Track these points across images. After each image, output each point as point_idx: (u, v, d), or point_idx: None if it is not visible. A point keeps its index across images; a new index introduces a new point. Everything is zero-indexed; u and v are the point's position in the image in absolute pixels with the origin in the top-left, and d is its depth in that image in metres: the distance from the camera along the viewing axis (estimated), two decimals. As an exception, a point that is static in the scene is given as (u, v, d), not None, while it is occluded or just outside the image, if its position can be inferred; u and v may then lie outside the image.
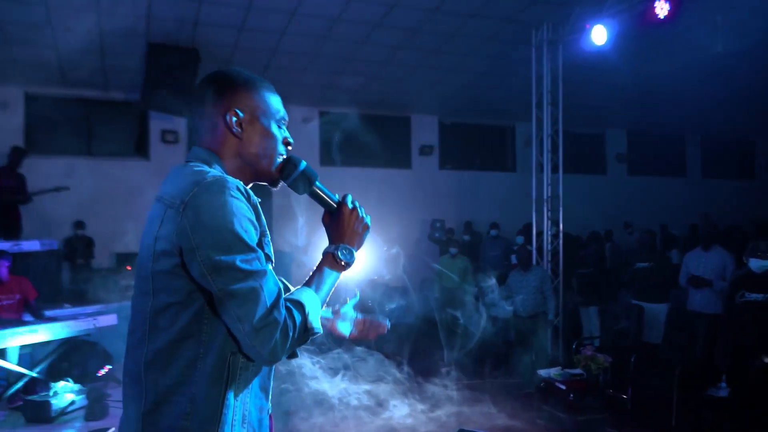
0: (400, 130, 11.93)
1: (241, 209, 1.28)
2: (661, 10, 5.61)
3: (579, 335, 7.39)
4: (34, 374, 4.87)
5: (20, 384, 4.95)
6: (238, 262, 1.23)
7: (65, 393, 4.64)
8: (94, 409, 4.50)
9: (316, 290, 1.42)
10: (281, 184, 1.53)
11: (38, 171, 9.04)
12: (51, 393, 4.62)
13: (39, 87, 9.44)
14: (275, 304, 1.26)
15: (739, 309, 4.67)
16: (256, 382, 1.38)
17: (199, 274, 1.24)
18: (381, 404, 5.16)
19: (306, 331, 1.34)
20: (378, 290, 7.36)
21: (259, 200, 1.40)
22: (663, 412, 5.36)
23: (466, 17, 7.96)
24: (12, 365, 4.89)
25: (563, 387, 5.21)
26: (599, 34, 6.37)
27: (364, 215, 1.54)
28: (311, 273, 1.47)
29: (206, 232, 1.23)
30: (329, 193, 1.55)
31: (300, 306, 1.33)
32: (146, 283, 1.31)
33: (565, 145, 12.89)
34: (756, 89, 10.67)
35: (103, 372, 5.36)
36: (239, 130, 1.43)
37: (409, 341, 7.63)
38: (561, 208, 7.39)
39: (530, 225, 7.83)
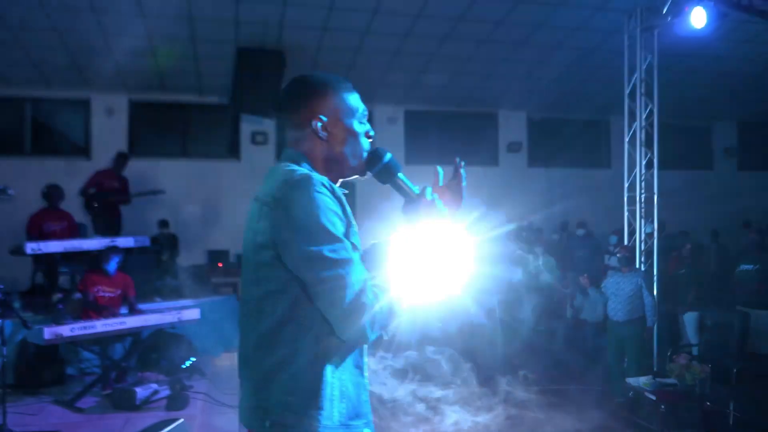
0: (487, 127, 11.65)
1: (327, 203, 1.39)
2: (769, -13, 5.08)
3: (677, 342, 6.88)
4: (122, 364, 5.13)
5: (111, 373, 5.26)
6: (325, 252, 1.35)
7: (151, 383, 4.89)
8: (176, 399, 4.69)
9: (398, 275, 1.48)
10: (368, 174, 1.63)
11: (138, 173, 9.64)
12: (137, 382, 4.89)
13: (141, 93, 10.04)
14: (362, 289, 1.37)
15: None
16: (350, 361, 1.48)
17: (293, 264, 1.37)
18: (445, 409, 5.01)
19: (392, 313, 1.43)
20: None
21: (346, 191, 1.53)
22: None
23: (555, 6, 7.63)
24: (104, 354, 5.20)
25: (653, 397, 4.84)
26: (699, 17, 5.87)
27: (441, 206, 1.60)
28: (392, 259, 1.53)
29: (296, 225, 1.36)
30: (410, 185, 1.63)
31: (385, 290, 1.41)
32: (252, 274, 1.46)
33: (667, 139, 12.19)
34: None
35: (187, 364, 5.59)
36: (325, 133, 1.55)
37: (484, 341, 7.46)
38: (656, 206, 6.89)
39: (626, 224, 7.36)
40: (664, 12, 6.40)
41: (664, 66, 7.69)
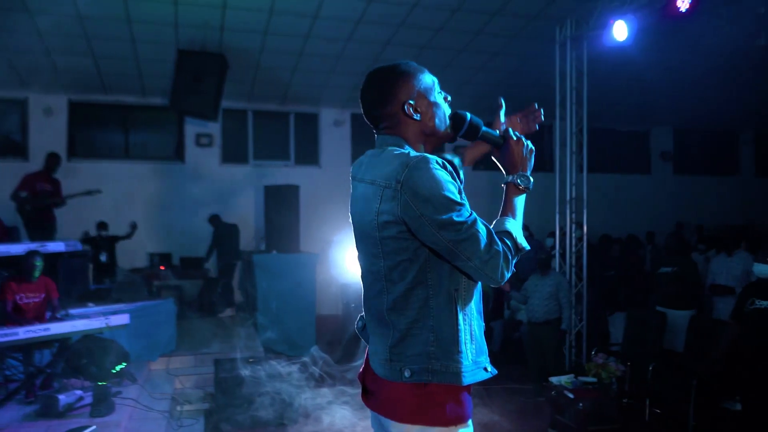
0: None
1: (444, 176, 1.57)
2: (683, 3, 5.34)
3: (606, 342, 7.15)
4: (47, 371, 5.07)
5: (37, 380, 5.19)
6: (455, 217, 1.53)
7: (75, 390, 4.85)
8: (100, 405, 4.67)
9: (513, 216, 1.72)
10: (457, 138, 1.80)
11: (79, 175, 9.47)
12: (60, 389, 4.84)
13: (81, 94, 9.86)
14: (491, 238, 1.57)
15: (748, 317, 4.41)
16: (474, 308, 1.69)
17: (429, 233, 1.55)
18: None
19: (518, 250, 1.65)
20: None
21: (458, 158, 1.79)
22: (679, 425, 5.12)
23: (491, 14, 7.83)
24: (27, 361, 5.12)
25: (571, 396, 5.04)
26: (620, 30, 6.12)
27: (528, 143, 1.80)
28: (503, 204, 1.74)
29: (426, 201, 1.53)
30: (493, 133, 1.80)
31: (508, 234, 1.65)
32: (376, 248, 1.65)
33: (606, 143, 12.61)
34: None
35: (117, 369, 5.55)
36: (417, 114, 1.72)
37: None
38: (585, 210, 7.14)
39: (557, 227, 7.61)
40: (590, 24, 6.63)
41: (602, 73, 7.96)
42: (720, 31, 7.53)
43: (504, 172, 1.79)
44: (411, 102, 1.72)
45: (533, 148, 1.81)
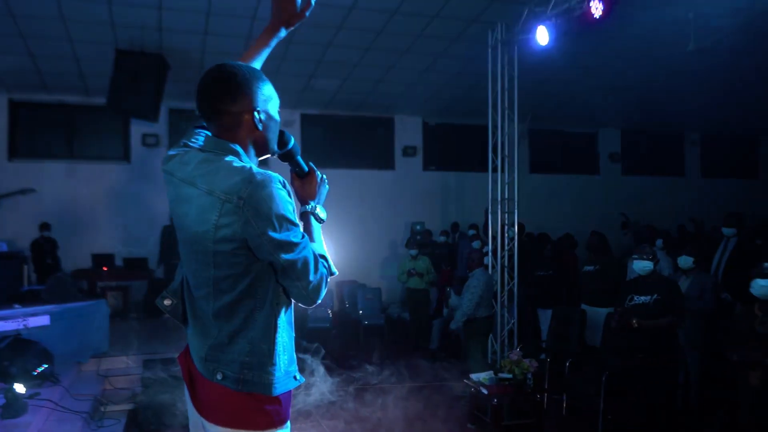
0: (384, 131, 11.95)
1: (285, 196, 1.59)
2: (596, 9, 5.51)
3: (538, 338, 7.32)
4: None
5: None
6: (292, 238, 1.59)
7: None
8: (10, 407, 4.65)
9: (319, 243, 1.78)
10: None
11: (21, 175, 9.38)
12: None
13: (23, 93, 9.74)
14: (317, 261, 1.65)
15: (629, 313, 4.64)
16: (286, 319, 1.72)
17: (267, 252, 1.58)
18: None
19: (332, 275, 1.73)
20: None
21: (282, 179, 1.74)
22: (592, 418, 5.28)
23: (430, 17, 7.93)
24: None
25: (485, 392, 5.17)
26: (542, 35, 6.28)
27: (325, 179, 1.94)
28: (305, 231, 1.75)
29: (266, 220, 1.55)
30: (303, 163, 1.91)
31: (324, 258, 1.72)
32: (207, 258, 1.64)
33: (555, 145, 12.87)
34: (756, 85, 10.35)
35: (39, 370, 5.53)
36: (261, 125, 1.71)
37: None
38: (516, 210, 7.30)
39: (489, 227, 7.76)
40: (518, 28, 6.78)
41: (543, 77, 8.12)
42: (646, 37, 7.77)
43: (300, 202, 1.85)
44: (260, 110, 1.70)
45: (328, 187, 1.94)
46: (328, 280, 1.69)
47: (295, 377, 1.75)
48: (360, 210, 10.78)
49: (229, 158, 1.65)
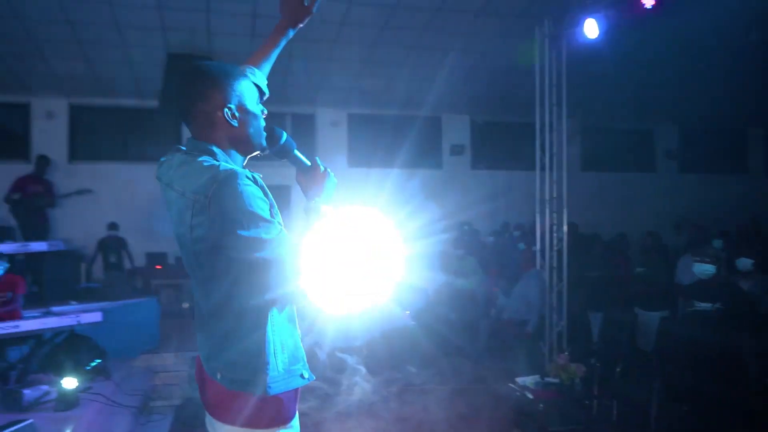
0: (431, 130, 11.85)
1: (253, 192, 1.56)
2: (648, 0, 5.29)
3: (589, 342, 7.09)
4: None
5: (12, 374, 5.37)
6: (261, 234, 1.55)
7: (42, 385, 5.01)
8: (63, 400, 4.82)
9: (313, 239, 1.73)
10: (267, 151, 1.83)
11: (80, 176, 9.74)
12: (28, 384, 5.00)
13: (81, 97, 10.12)
14: (296, 258, 1.59)
15: (687, 320, 4.37)
16: (284, 318, 1.73)
17: (235, 250, 1.56)
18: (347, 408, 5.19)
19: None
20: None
21: (261, 175, 1.69)
22: (644, 426, 5.07)
23: (476, 13, 7.82)
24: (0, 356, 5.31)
25: (531, 396, 5.03)
26: (591, 28, 6.07)
27: (331, 174, 1.90)
28: (305, 227, 1.76)
29: (232, 217, 1.53)
30: (303, 159, 1.87)
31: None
32: (192, 259, 1.67)
33: (608, 142, 12.46)
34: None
35: (92, 365, 5.71)
36: (235, 121, 1.70)
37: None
38: (565, 209, 7.09)
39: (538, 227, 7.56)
40: (566, 22, 6.59)
41: (597, 73, 7.85)
42: (703, 27, 7.40)
43: (306, 197, 1.84)
44: (231, 106, 1.69)
45: (336, 181, 1.90)
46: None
47: (302, 375, 1.75)
48: (406, 209, 10.70)
49: (202, 158, 1.65)
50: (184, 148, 1.76)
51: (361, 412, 5.33)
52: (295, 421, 1.76)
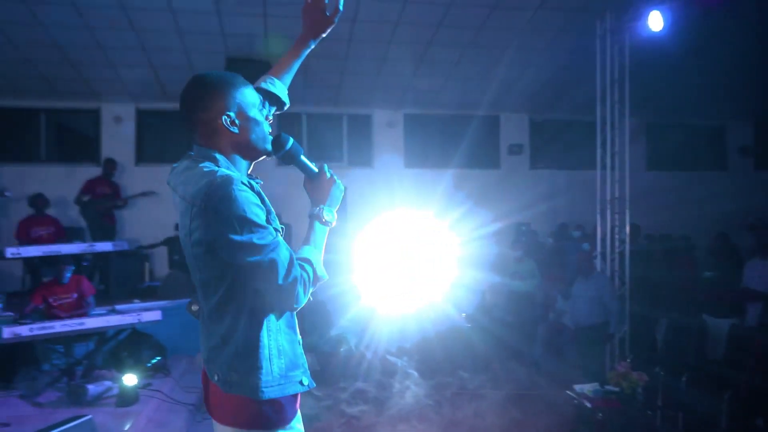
0: (488, 130, 11.65)
1: (248, 198, 1.59)
2: (717, -11, 5.00)
3: (653, 349, 6.79)
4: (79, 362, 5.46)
5: (78, 369, 5.61)
6: (254, 240, 1.57)
7: (105, 380, 5.20)
8: (123, 396, 4.99)
9: (315, 246, 1.79)
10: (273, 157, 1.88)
11: (147, 178, 10.10)
12: (92, 379, 5.21)
13: (147, 102, 10.50)
14: (291, 264, 1.62)
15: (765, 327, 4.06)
16: (283, 323, 1.75)
17: (228, 254, 1.59)
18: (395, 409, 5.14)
19: (317, 279, 1.73)
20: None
21: (261, 182, 1.79)
22: (712, 440, 4.80)
23: (533, 9, 7.62)
24: (67, 353, 5.55)
25: (589, 405, 4.84)
26: (655, 21, 5.80)
27: (338, 181, 1.91)
28: (306, 233, 1.83)
29: (226, 222, 1.56)
30: (310, 164, 1.88)
31: (308, 261, 1.71)
32: (192, 262, 1.74)
33: (676, 139, 11.91)
34: None
35: (152, 362, 5.90)
36: (235, 127, 1.74)
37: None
38: (628, 209, 6.81)
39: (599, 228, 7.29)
40: (629, 15, 6.32)
41: (664, 68, 7.50)
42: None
43: (312, 204, 1.86)
44: (230, 114, 1.73)
45: (344, 188, 1.92)
46: (312, 284, 1.68)
47: (301, 382, 1.75)
48: (463, 210, 10.57)
49: (203, 164, 1.69)
50: (192, 153, 1.81)
51: (412, 416, 5.27)
52: (296, 422, 1.76)
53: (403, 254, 6.37)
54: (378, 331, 7.25)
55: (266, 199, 1.70)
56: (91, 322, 5.31)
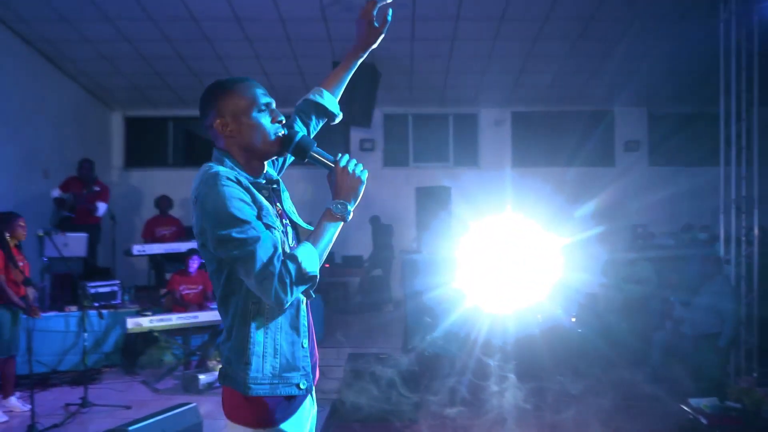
0: (602, 125, 11.10)
1: (231, 192, 1.63)
2: None
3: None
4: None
5: (194, 359, 6.01)
6: (233, 234, 1.60)
7: (216, 371, 5.52)
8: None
9: (314, 243, 1.74)
10: (287, 154, 1.90)
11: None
12: (204, 369, 5.55)
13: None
14: (270, 260, 1.60)
15: None
16: (285, 322, 1.76)
17: (214, 248, 1.64)
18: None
19: (303, 276, 1.65)
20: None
21: (263, 181, 1.81)
22: None
23: (648, -3, 7.18)
24: (184, 344, 5.96)
25: (705, 421, 4.47)
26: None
27: (358, 172, 1.82)
28: (314, 228, 1.80)
29: (209, 216, 1.62)
30: (327, 156, 1.83)
31: (293, 257, 1.65)
32: (201, 254, 1.81)
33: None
34: None
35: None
36: (228, 130, 1.80)
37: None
38: (756, 210, 6.21)
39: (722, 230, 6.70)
40: (757, -4, 5.77)
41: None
42: None
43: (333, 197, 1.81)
44: (224, 119, 1.79)
45: (364, 180, 1.82)
46: (296, 282, 1.61)
47: (298, 386, 1.74)
48: (573, 209, 10.15)
49: (209, 164, 1.77)
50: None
51: (511, 420, 5.13)
52: (289, 425, 1.74)
53: (509, 256, 6.23)
54: (481, 333, 7.14)
55: (259, 196, 1.73)
56: (204, 316, 5.68)
